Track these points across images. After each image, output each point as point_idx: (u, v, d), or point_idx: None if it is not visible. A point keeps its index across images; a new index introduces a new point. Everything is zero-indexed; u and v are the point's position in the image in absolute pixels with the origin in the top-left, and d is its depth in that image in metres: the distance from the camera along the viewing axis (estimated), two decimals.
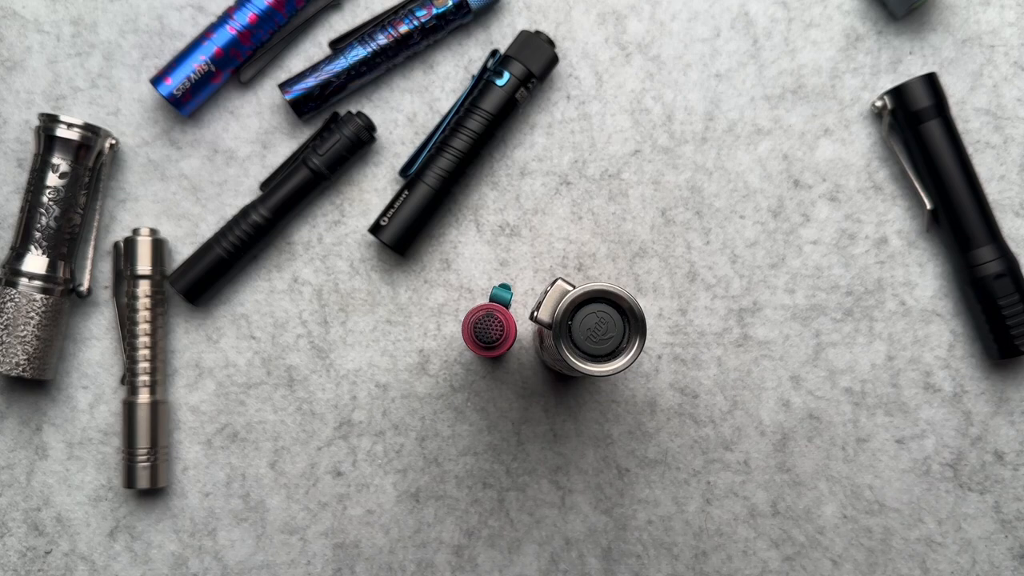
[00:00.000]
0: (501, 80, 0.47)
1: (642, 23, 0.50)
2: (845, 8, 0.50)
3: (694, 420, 0.49)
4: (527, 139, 0.49)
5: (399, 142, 0.50)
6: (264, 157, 0.49)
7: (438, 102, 0.50)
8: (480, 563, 0.48)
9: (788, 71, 0.49)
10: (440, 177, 0.47)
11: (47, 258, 0.46)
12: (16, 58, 0.49)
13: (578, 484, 0.49)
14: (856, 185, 0.49)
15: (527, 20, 0.50)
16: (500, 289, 0.42)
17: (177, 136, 0.49)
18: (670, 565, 0.48)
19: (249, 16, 0.47)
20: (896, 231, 0.49)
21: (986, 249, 0.46)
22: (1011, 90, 0.49)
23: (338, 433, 0.49)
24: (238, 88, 0.50)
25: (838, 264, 0.49)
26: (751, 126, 0.49)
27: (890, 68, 0.49)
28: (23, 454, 0.49)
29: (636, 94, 0.49)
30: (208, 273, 0.47)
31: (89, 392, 0.49)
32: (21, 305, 0.46)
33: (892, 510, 0.49)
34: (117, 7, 0.49)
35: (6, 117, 0.49)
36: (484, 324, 0.40)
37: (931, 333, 0.49)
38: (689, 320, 0.49)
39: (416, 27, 0.48)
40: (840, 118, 0.49)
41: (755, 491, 0.49)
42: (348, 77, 0.48)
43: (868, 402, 0.49)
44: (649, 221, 0.49)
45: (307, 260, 0.49)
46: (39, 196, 0.46)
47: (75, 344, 0.49)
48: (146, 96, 0.49)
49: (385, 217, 0.47)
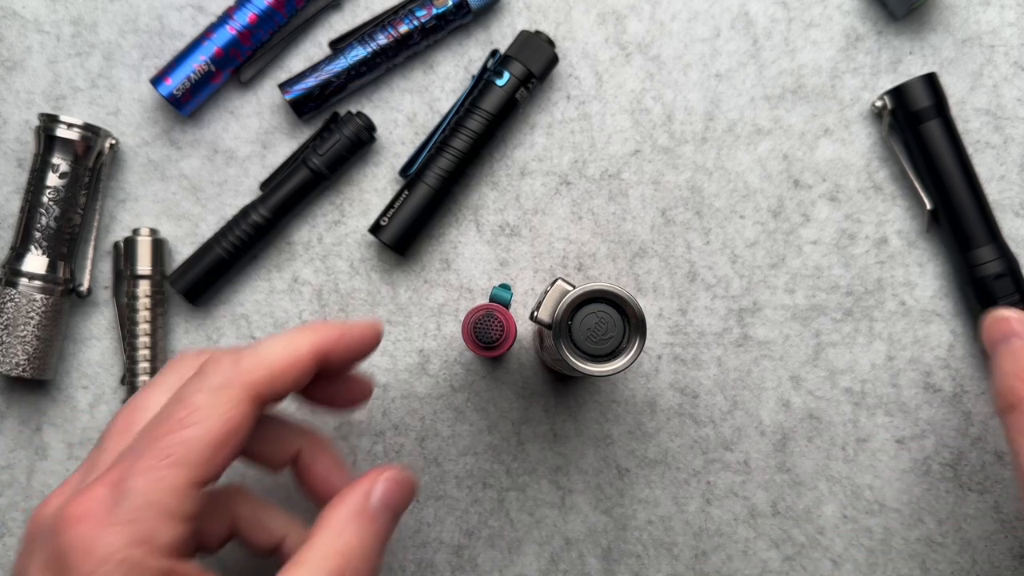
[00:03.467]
0: (501, 80, 0.47)
1: (642, 23, 0.50)
2: (845, 8, 0.50)
3: (694, 420, 0.49)
4: (527, 139, 0.49)
5: (399, 142, 0.50)
6: (264, 157, 0.49)
7: (438, 102, 0.50)
8: (480, 563, 0.48)
9: (788, 71, 0.49)
10: (440, 177, 0.47)
11: (47, 258, 0.46)
12: (16, 58, 0.49)
13: (578, 484, 0.49)
14: (856, 185, 0.49)
15: (527, 20, 0.50)
16: (500, 289, 0.42)
17: (177, 136, 0.49)
18: (670, 565, 0.48)
19: (249, 16, 0.47)
20: (896, 231, 0.49)
21: (986, 249, 0.46)
22: (1011, 90, 0.49)
23: (338, 433, 0.49)
24: (238, 88, 0.50)
25: (838, 264, 0.49)
26: (751, 126, 0.49)
27: (890, 68, 0.49)
28: (23, 454, 0.49)
29: (636, 94, 0.49)
30: (208, 273, 0.47)
31: (89, 392, 0.49)
32: (21, 305, 0.46)
33: (892, 510, 0.49)
34: (117, 7, 0.49)
35: (6, 117, 0.49)
36: (484, 324, 0.40)
37: (931, 333, 0.49)
38: (689, 320, 0.49)
39: (416, 27, 0.48)
40: (840, 118, 0.49)
41: (755, 491, 0.49)
42: (348, 77, 0.48)
43: (868, 402, 0.49)
44: (649, 221, 0.49)
45: (307, 260, 0.49)
46: (39, 196, 0.46)
47: (75, 344, 0.49)
48: (146, 96, 0.49)
49: (385, 217, 0.47)
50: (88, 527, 0.30)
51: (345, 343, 0.36)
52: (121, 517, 0.30)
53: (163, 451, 0.31)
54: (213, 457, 0.31)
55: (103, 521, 0.30)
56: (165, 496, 0.30)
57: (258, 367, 0.33)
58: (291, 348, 0.34)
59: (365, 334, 0.38)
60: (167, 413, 0.32)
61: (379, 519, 0.35)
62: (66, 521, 0.30)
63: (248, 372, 0.33)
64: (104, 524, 0.30)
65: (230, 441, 0.32)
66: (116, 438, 0.34)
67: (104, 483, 0.31)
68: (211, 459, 0.31)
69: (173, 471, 0.30)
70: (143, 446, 0.31)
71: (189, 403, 0.32)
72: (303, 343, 0.35)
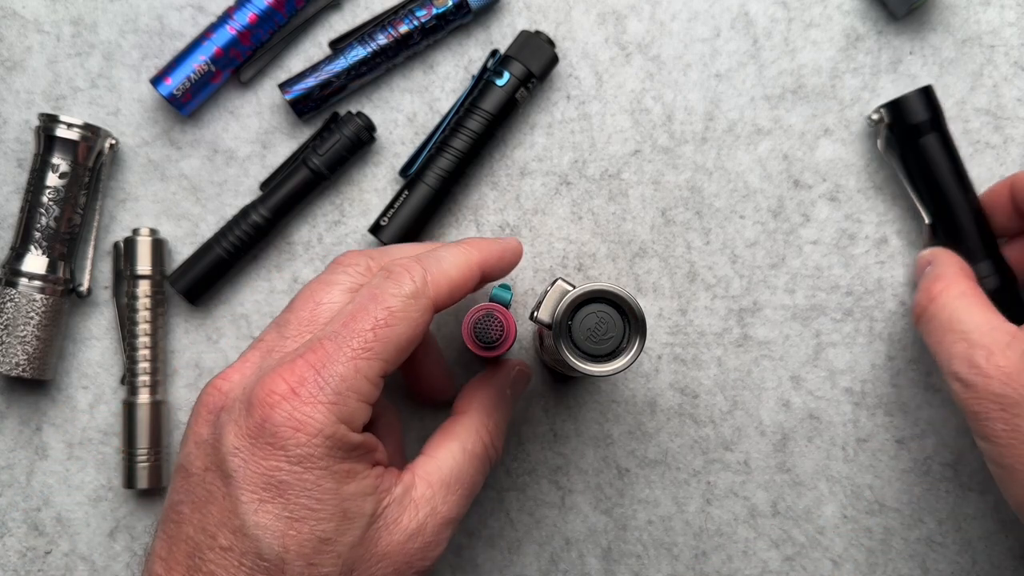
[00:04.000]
0: (501, 80, 0.47)
1: (642, 23, 0.50)
2: (845, 8, 0.50)
3: (694, 420, 0.49)
4: (527, 139, 0.49)
5: (399, 142, 0.50)
6: (264, 157, 0.49)
7: (438, 102, 0.50)
8: (480, 563, 0.48)
9: (788, 71, 0.49)
10: (440, 177, 0.47)
11: (47, 258, 0.46)
12: (16, 58, 0.49)
13: (578, 484, 0.49)
14: (856, 185, 0.49)
15: (527, 20, 0.50)
16: (500, 289, 0.42)
17: (177, 136, 0.49)
18: (670, 565, 0.48)
19: (249, 16, 0.47)
20: (896, 231, 0.49)
21: (984, 265, 0.46)
22: (1011, 90, 0.49)
23: None
24: (238, 88, 0.50)
25: (838, 264, 0.49)
26: (751, 126, 0.49)
27: (890, 68, 0.49)
28: (23, 454, 0.48)
29: (636, 94, 0.49)
30: (208, 273, 0.47)
31: (89, 392, 0.49)
32: (21, 305, 0.46)
33: (892, 510, 0.49)
34: (117, 7, 0.49)
35: (6, 117, 0.49)
36: (484, 324, 0.40)
37: None
38: (689, 320, 0.49)
39: (416, 27, 0.48)
40: (840, 118, 0.49)
41: (755, 491, 0.49)
42: (348, 77, 0.48)
43: (868, 402, 0.49)
44: (649, 221, 0.49)
45: (307, 260, 0.49)
46: (39, 196, 0.46)
47: (75, 344, 0.49)
48: (146, 96, 0.49)
49: (385, 217, 0.47)
50: (298, 403, 0.33)
51: (503, 259, 0.41)
52: (328, 397, 0.33)
53: (365, 344, 0.34)
54: (401, 355, 0.36)
55: (313, 398, 0.33)
56: (363, 383, 0.34)
57: (442, 279, 0.37)
58: (465, 262, 0.39)
59: (516, 251, 0.42)
60: (367, 311, 0.35)
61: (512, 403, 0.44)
62: (273, 396, 0.33)
63: (434, 284, 0.37)
64: (314, 401, 0.33)
65: (415, 342, 0.36)
66: (299, 327, 0.37)
67: (307, 364, 0.34)
68: (399, 356, 0.36)
69: (372, 362, 0.34)
70: (343, 338, 0.34)
71: (388, 305, 0.35)
72: (473, 258, 0.39)
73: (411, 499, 0.36)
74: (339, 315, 0.36)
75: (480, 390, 0.43)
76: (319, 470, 0.33)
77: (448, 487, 0.38)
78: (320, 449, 0.33)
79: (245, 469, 0.33)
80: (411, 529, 0.36)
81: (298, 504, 0.33)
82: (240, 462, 0.33)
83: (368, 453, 0.35)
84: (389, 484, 0.36)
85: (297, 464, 0.33)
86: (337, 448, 0.33)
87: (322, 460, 0.33)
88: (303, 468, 0.33)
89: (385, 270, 0.37)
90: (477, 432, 0.40)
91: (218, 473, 0.34)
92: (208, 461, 0.34)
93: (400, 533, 0.35)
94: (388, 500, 0.36)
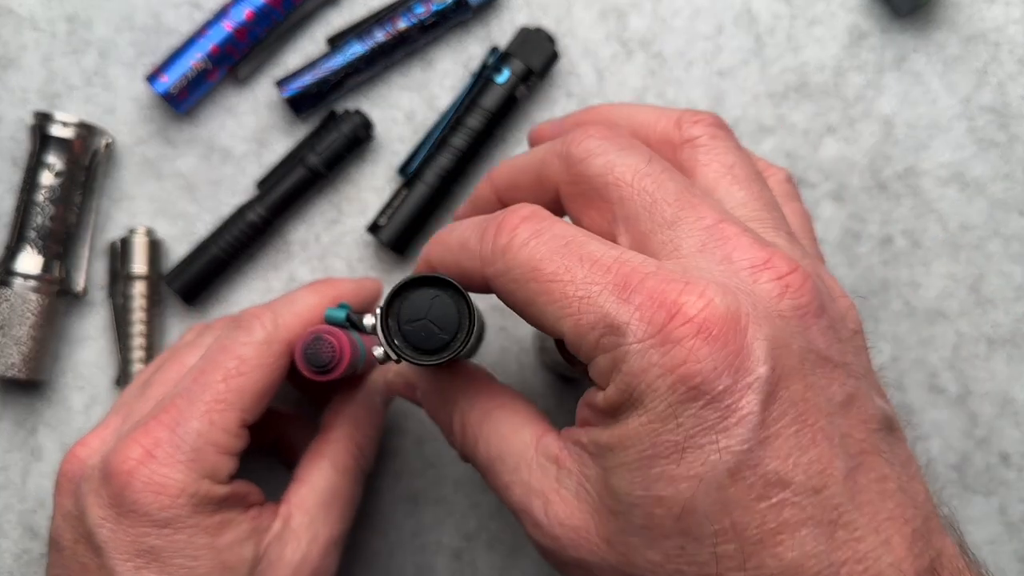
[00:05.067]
0: (501, 77, 0.46)
1: (644, 20, 0.49)
2: (849, 5, 0.49)
3: None
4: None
5: (397, 140, 0.49)
6: (261, 155, 0.49)
7: (437, 100, 0.49)
8: (480, 566, 0.48)
9: (791, 68, 0.49)
10: (439, 176, 0.47)
11: (42, 257, 0.46)
12: (11, 55, 0.49)
13: None
14: (860, 184, 0.49)
15: (527, 16, 0.49)
16: (332, 310, 0.39)
17: (173, 134, 0.49)
18: None
19: (246, 13, 0.47)
20: (901, 231, 0.49)
21: None
22: (1016, 88, 0.49)
23: None
24: (235, 86, 0.49)
25: (842, 264, 0.49)
26: (754, 124, 0.49)
27: (894, 66, 0.49)
28: (18, 456, 0.48)
29: (638, 91, 0.49)
30: (204, 273, 0.47)
31: (84, 393, 0.48)
32: (16, 305, 0.45)
33: None
34: (113, 4, 0.49)
35: (0, 115, 0.49)
36: (314, 348, 0.36)
37: (936, 334, 0.48)
38: None
39: (415, 24, 0.47)
40: (844, 116, 0.49)
41: None
42: (346, 74, 0.47)
43: None
44: None
45: (304, 260, 0.49)
46: (34, 195, 0.46)
47: (70, 344, 0.48)
48: (142, 94, 0.49)
49: (384, 216, 0.47)
50: (156, 465, 0.33)
51: (359, 296, 0.42)
52: (186, 455, 0.33)
53: (218, 396, 0.34)
54: (259, 402, 0.36)
55: (170, 459, 0.33)
56: (221, 435, 0.34)
57: (295, 322, 0.38)
58: (318, 303, 0.39)
59: (372, 289, 0.44)
60: (216, 363, 0.35)
61: (383, 410, 0.43)
62: (129, 461, 0.33)
63: (286, 328, 0.37)
64: (172, 461, 0.33)
65: (273, 388, 0.37)
66: (162, 387, 0.37)
67: (160, 425, 0.34)
68: (258, 404, 0.36)
69: (227, 414, 0.34)
70: (195, 393, 0.35)
71: (238, 354, 0.36)
72: (327, 296, 0.40)
73: (291, 531, 0.36)
74: (190, 371, 0.36)
75: (346, 404, 0.41)
76: (189, 528, 0.33)
77: (327, 507, 0.38)
78: (186, 508, 0.33)
79: (114, 539, 0.32)
80: (295, 561, 0.36)
81: (175, 565, 0.32)
82: (108, 533, 0.33)
83: (241, 499, 0.35)
84: (268, 522, 0.36)
85: (165, 527, 0.32)
86: (203, 504, 0.33)
87: (190, 518, 0.33)
88: (172, 530, 0.32)
89: (234, 320, 0.38)
90: (346, 447, 0.40)
91: (88, 546, 0.33)
92: (76, 534, 0.34)
93: (286, 568, 0.35)
94: (268, 539, 0.35)
